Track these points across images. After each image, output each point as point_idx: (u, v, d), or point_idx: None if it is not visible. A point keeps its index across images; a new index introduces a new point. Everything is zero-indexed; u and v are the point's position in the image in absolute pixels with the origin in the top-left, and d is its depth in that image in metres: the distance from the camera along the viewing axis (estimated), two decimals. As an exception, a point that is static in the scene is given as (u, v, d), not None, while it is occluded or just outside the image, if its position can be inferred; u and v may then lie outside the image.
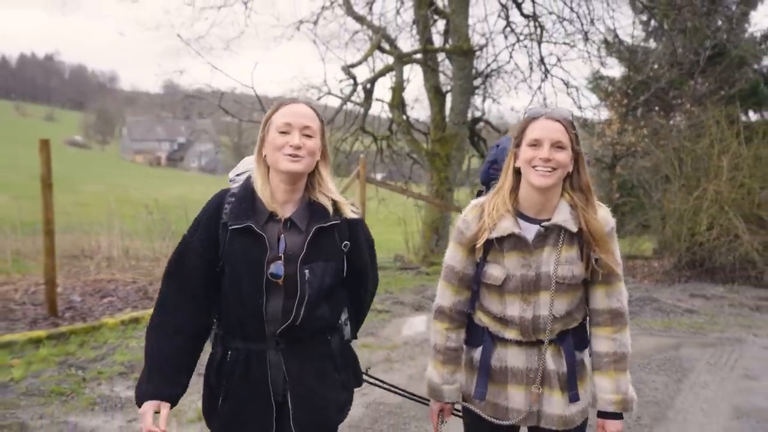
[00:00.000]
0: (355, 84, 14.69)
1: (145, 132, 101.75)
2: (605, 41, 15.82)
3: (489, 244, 2.44)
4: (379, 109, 16.10)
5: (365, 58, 14.54)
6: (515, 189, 2.47)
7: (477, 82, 15.86)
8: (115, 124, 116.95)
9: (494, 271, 2.44)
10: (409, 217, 14.84)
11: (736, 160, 11.24)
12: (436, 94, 14.89)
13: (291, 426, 2.35)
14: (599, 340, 2.47)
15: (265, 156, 2.39)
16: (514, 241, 2.41)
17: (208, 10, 15.07)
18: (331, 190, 2.45)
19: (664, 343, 7.18)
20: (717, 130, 11.56)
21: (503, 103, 48.91)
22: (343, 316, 2.57)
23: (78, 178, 37.84)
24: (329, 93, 15.13)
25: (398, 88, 14.85)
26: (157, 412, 2.30)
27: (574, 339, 2.49)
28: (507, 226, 2.39)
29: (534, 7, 14.92)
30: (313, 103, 2.34)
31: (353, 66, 14.39)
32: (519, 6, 15.07)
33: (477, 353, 2.56)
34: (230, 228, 2.33)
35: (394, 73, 15.09)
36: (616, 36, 15.55)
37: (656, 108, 15.76)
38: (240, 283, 2.33)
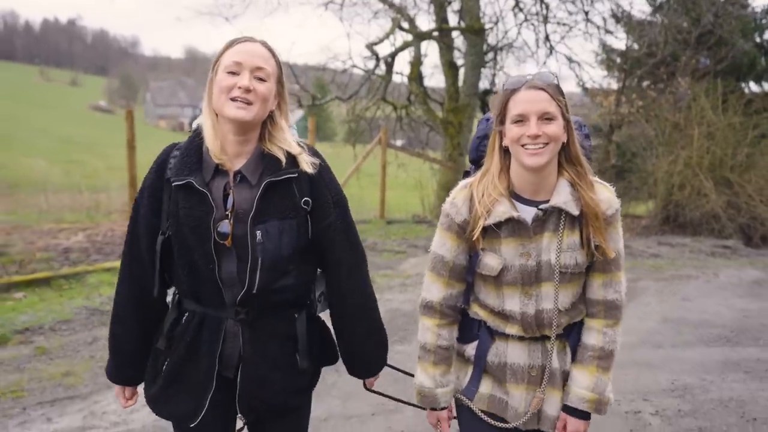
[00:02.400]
0: (378, 59, 16.33)
1: (168, 97, 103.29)
2: (613, 15, 17.31)
3: (484, 232, 2.18)
4: (399, 80, 17.63)
5: (386, 36, 16.16)
6: (505, 170, 2.22)
7: (489, 57, 17.45)
8: (138, 90, 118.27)
9: (490, 261, 2.19)
10: (425, 180, 16.55)
11: (710, 129, 12.86)
12: (450, 68, 16.48)
13: (236, 406, 2.22)
14: (588, 332, 2.26)
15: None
16: (512, 226, 2.16)
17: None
18: (288, 140, 2.18)
19: (627, 276, 8.93)
20: (696, 103, 13.18)
21: (513, 76, 50.25)
22: (318, 291, 2.35)
23: (107, 142, 39.19)
24: (354, 66, 16.82)
25: (416, 63, 16.48)
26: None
27: (579, 333, 2.30)
28: (503, 210, 2.14)
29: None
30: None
31: (376, 44, 16.03)
32: (527, -14, 16.59)
33: (471, 348, 2.33)
34: (173, 184, 2.11)
35: (412, 48, 16.73)
36: (623, 11, 17.00)
37: (649, 82, 17.24)
38: (187, 246, 2.11)
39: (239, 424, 2.39)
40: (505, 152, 2.20)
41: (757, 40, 19.33)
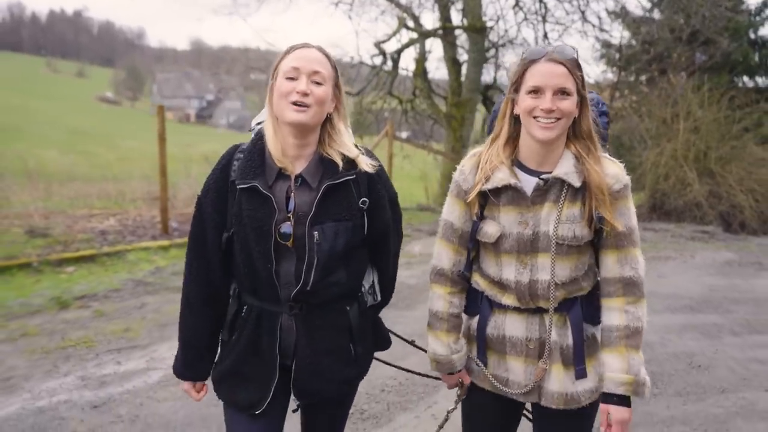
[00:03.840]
0: (384, 56, 17.24)
1: (175, 89, 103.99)
2: (612, 12, 18.17)
3: (485, 199, 2.23)
4: (405, 75, 18.53)
5: (393, 35, 17.07)
6: (514, 138, 2.25)
7: (490, 53, 18.34)
8: (144, 81, 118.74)
9: (489, 228, 2.23)
10: (429, 171, 17.47)
11: (695, 123, 13.79)
12: (454, 65, 17.38)
13: (291, 392, 2.31)
14: (610, 313, 2.21)
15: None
16: (511, 194, 2.20)
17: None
18: (346, 144, 2.27)
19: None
20: (683, 99, 14.11)
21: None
22: (366, 284, 2.42)
23: (114, 133, 39.71)
24: (361, 62, 17.72)
25: (421, 60, 17.40)
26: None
27: (585, 310, 2.27)
28: (502, 176, 2.18)
29: (539, -13, 17.33)
30: (327, 50, 2.27)
31: (383, 42, 16.95)
32: (527, -13, 17.47)
33: (474, 322, 2.38)
34: (238, 187, 2.19)
35: (418, 45, 17.65)
36: (622, 7, 17.84)
37: (643, 78, 18.14)
38: (248, 246, 2.19)
39: (293, 405, 2.43)
40: (515, 120, 2.23)
41: (752, 36, 20.27)
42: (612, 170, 2.17)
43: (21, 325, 6.04)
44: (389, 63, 17.70)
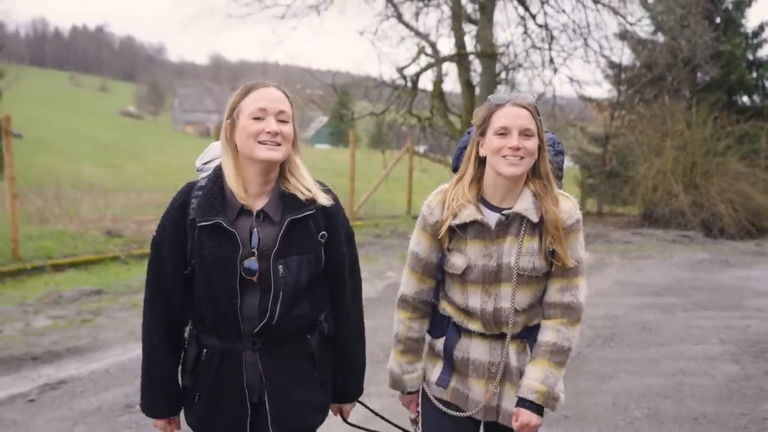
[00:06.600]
0: (405, 79, 19.06)
1: (196, 103, 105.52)
2: (618, 34, 19.80)
3: (453, 233, 2.37)
4: (423, 96, 20.24)
5: (413, 61, 18.88)
6: (478, 178, 2.39)
7: (501, 76, 20.11)
8: (165, 96, 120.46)
9: (456, 260, 2.37)
10: (445, 183, 19.09)
11: (683, 141, 15.54)
12: (467, 86, 19.17)
13: (269, 427, 2.28)
14: (544, 330, 2.39)
15: (235, 144, 2.22)
16: (477, 229, 2.35)
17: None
18: (305, 177, 2.30)
19: (598, 257, 11.66)
20: (670, 119, 15.89)
21: (522, 92, 52.93)
22: (324, 313, 2.42)
23: (138, 147, 40.48)
24: (383, 83, 19.55)
25: (438, 82, 19.20)
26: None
27: None
28: (469, 213, 2.32)
29: (545, 18, 19.12)
30: (285, 88, 2.30)
31: (404, 68, 18.76)
32: (534, 17, 19.25)
33: (440, 343, 2.50)
34: (198, 225, 2.19)
35: (435, 69, 19.45)
36: (627, 31, 19.42)
37: (639, 99, 19.89)
38: (211, 283, 2.20)
39: None
40: (479, 162, 2.38)
41: (749, 57, 21.81)
42: (566, 206, 2.34)
43: (128, 299, 7.85)
44: (409, 84, 19.52)
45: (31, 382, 5.25)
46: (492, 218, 2.35)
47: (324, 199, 2.29)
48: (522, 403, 2.33)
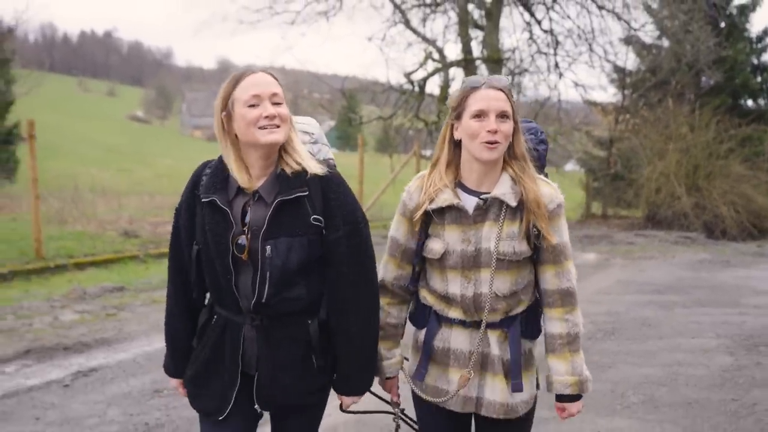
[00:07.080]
0: (412, 84, 19.40)
1: (203, 108, 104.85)
2: (623, 39, 20.11)
3: (430, 218, 2.36)
4: (430, 100, 20.53)
5: (420, 66, 19.23)
6: (456, 163, 2.38)
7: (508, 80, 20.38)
8: (173, 100, 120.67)
9: (434, 245, 2.36)
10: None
11: (686, 144, 15.83)
12: (474, 91, 19.49)
13: (254, 401, 2.37)
14: (551, 322, 2.39)
15: (235, 135, 2.27)
16: (454, 214, 2.33)
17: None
18: (297, 150, 2.31)
19: (602, 257, 11.96)
20: (673, 123, 16.18)
21: (528, 96, 53.33)
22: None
23: (147, 151, 40.76)
24: (391, 87, 19.88)
25: (445, 87, 19.52)
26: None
27: (525, 326, 2.42)
28: (446, 197, 2.31)
29: (551, 24, 19.45)
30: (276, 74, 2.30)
31: (411, 73, 19.11)
32: (539, 23, 19.58)
33: (422, 334, 2.48)
34: (202, 201, 2.30)
35: (442, 73, 19.78)
36: (632, 36, 19.72)
37: (642, 102, 20.20)
38: (210, 258, 2.29)
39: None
40: (455, 145, 2.36)
41: (754, 62, 22.05)
42: (546, 191, 2.32)
43: (148, 296, 8.20)
44: (416, 89, 19.84)
45: (64, 370, 5.59)
46: (470, 202, 2.33)
47: (316, 168, 2.28)
48: (561, 398, 2.40)
